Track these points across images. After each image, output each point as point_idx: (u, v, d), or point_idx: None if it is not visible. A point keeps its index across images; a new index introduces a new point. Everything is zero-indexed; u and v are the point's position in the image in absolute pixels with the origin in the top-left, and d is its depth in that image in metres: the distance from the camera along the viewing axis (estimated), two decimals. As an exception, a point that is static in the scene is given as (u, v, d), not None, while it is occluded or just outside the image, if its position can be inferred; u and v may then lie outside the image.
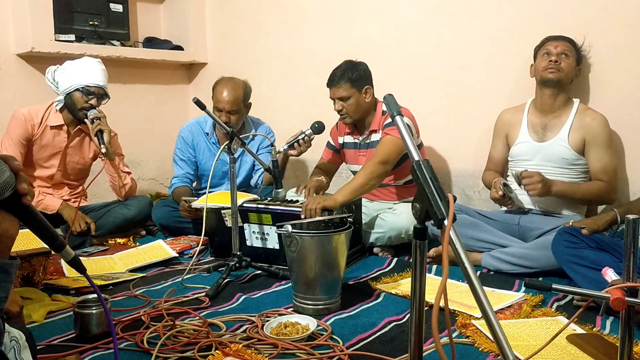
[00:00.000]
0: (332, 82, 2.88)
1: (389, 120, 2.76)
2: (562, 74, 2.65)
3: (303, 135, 2.92)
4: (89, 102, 3.01)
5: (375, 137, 2.94)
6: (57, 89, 3.05)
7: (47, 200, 3.06)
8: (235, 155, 2.50)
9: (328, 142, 3.22)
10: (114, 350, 1.20)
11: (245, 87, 3.21)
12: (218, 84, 3.19)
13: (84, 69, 3.01)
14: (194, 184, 3.46)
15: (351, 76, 2.83)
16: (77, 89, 2.99)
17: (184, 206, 3.02)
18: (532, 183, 2.52)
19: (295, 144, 2.92)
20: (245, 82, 3.24)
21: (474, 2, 3.16)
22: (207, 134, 3.35)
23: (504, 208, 2.87)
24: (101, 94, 3.06)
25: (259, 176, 3.41)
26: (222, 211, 2.73)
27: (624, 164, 2.77)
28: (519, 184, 2.59)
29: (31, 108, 3.06)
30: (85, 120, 3.05)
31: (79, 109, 3.02)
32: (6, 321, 1.64)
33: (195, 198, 2.94)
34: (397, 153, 2.75)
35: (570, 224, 2.32)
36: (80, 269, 1.09)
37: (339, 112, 2.91)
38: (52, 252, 2.54)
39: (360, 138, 3.02)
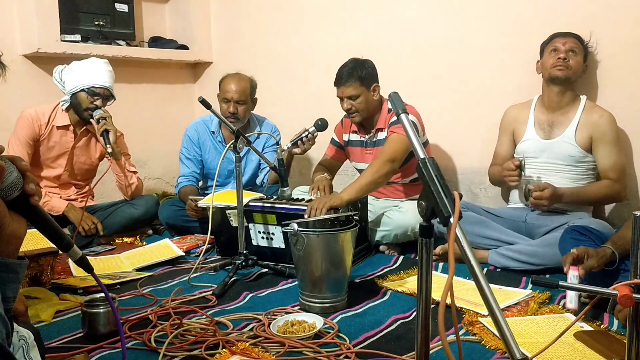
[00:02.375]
0: (340, 81, 2.86)
1: (395, 118, 2.76)
2: (571, 71, 2.64)
3: (306, 133, 2.92)
4: (94, 102, 3.02)
5: (381, 135, 2.94)
6: (63, 88, 3.06)
7: (52, 201, 3.07)
8: (241, 154, 2.51)
9: (332, 138, 3.22)
10: (121, 350, 1.20)
11: (252, 81, 3.27)
12: (225, 77, 3.25)
13: (90, 70, 3.02)
14: (200, 183, 3.47)
15: (360, 74, 2.81)
16: (83, 90, 3.00)
17: (191, 205, 3.04)
18: (541, 198, 2.50)
19: (299, 142, 2.92)
20: (252, 78, 3.29)
21: (479, -2, 3.16)
22: (213, 132, 3.36)
23: (511, 205, 2.86)
24: (107, 95, 3.07)
25: (265, 175, 3.41)
26: (227, 211, 2.73)
27: (632, 160, 2.75)
28: (527, 197, 2.56)
29: (38, 108, 3.07)
30: (91, 120, 3.06)
31: (84, 109, 3.03)
32: (16, 320, 1.65)
33: (202, 197, 2.95)
34: (404, 151, 2.74)
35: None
36: (88, 268, 1.09)
37: (347, 111, 2.90)
38: (60, 252, 2.56)
39: (367, 137, 3.01)
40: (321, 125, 2.93)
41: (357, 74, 2.81)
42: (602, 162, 2.61)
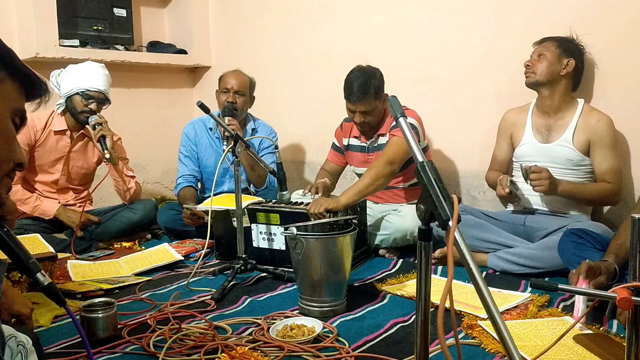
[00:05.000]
0: (353, 96, 2.77)
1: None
2: (536, 75, 2.68)
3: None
4: (89, 106, 3.01)
5: (382, 140, 2.93)
6: (59, 92, 3.06)
7: (43, 205, 3.05)
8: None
9: (333, 143, 3.21)
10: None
11: (251, 79, 3.33)
12: (226, 72, 3.32)
13: (86, 73, 3.01)
14: (199, 185, 3.46)
15: (375, 89, 2.76)
16: (77, 93, 3.00)
17: (186, 214, 3.04)
18: (539, 179, 2.49)
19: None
20: (252, 78, 3.33)
21: (477, 2, 3.16)
22: (211, 129, 3.37)
23: (510, 208, 2.86)
24: (101, 99, 3.06)
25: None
26: (231, 212, 2.73)
27: (630, 162, 2.75)
28: (526, 178, 2.56)
29: (34, 114, 3.05)
30: (87, 126, 3.06)
31: (79, 113, 3.03)
32: (17, 324, 1.65)
33: (195, 206, 2.95)
34: (403, 154, 2.73)
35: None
36: (59, 300, 1.05)
37: (360, 123, 2.87)
38: (58, 257, 2.56)
39: (368, 142, 3.00)
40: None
41: (372, 90, 2.75)
42: (599, 165, 2.61)
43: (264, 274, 2.57)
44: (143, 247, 3.13)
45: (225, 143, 2.78)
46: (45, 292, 1.01)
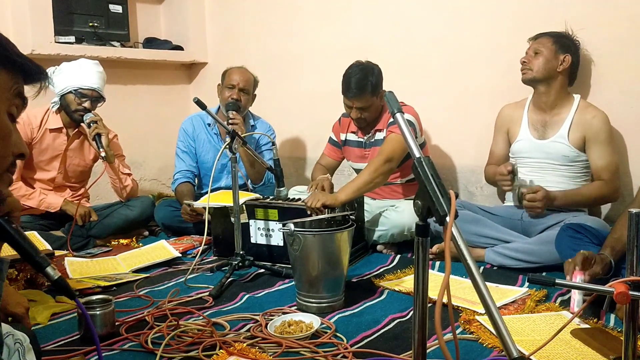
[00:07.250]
0: (350, 92, 2.77)
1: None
2: (532, 72, 2.68)
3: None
4: (82, 104, 2.99)
5: (379, 135, 2.93)
6: (54, 89, 3.04)
7: (49, 198, 3.05)
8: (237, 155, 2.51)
9: (330, 137, 3.21)
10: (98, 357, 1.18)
11: (255, 77, 3.33)
12: (231, 68, 3.32)
13: (79, 71, 2.99)
14: (195, 180, 3.45)
15: (372, 85, 2.76)
16: (71, 91, 2.98)
17: (186, 210, 3.03)
18: (534, 200, 2.51)
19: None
20: (255, 76, 3.35)
21: (474, -3, 3.16)
22: (209, 124, 3.37)
23: (507, 203, 2.87)
24: (95, 97, 3.04)
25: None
26: (230, 209, 2.72)
27: (627, 157, 2.76)
28: (520, 202, 2.57)
29: (29, 112, 3.04)
30: (82, 124, 3.05)
31: (72, 111, 3.02)
32: (12, 323, 1.64)
33: (193, 203, 2.95)
34: (401, 150, 2.73)
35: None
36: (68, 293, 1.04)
37: (356, 119, 2.88)
38: (55, 254, 2.55)
39: (365, 137, 3.00)
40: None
41: (370, 87, 2.75)
42: (595, 162, 2.61)
43: (262, 271, 2.57)
44: (140, 244, 3.12)
45: (228, 137, 2.78)
46: (55, 286, 1.01)
